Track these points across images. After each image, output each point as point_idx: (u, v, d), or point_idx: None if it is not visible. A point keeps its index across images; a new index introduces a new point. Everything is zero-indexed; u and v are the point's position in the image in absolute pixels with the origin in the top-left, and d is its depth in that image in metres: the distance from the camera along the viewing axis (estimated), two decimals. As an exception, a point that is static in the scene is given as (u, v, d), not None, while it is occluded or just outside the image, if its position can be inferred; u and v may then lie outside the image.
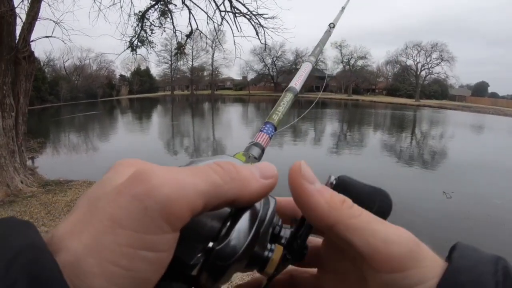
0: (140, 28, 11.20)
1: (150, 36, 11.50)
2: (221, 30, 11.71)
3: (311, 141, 15.82)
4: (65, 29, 7.45)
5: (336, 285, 0.33)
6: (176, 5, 10.99)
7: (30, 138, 11.45)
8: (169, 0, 10.84)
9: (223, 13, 10.64)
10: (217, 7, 10.51)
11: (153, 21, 11.31)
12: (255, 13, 10.48)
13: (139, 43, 11.46)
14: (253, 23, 10.67)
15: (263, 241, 0.29)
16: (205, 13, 10.78)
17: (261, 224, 0.27)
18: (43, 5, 6.61)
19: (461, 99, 65.30)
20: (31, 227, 0.22)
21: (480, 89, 78.40)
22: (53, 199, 6.07)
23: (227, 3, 10.38)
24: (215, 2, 10.41)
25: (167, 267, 0.23)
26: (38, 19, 6.50)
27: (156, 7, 11.02)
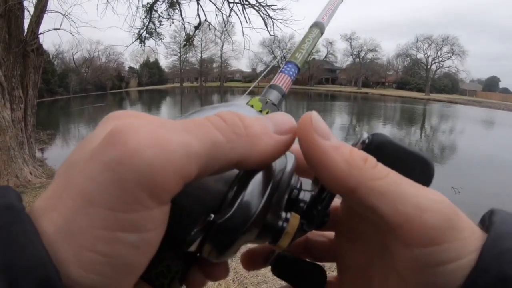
0: (148, 20, 11.16)
1: (158, 28, 11.48)
2: (230, 21, 11.64)
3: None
4: (73, 22, 7.48)
5: (354, 254, 0.29)
6: (184, -3, 10.95)
7: (39, 130, 11.56)
8: (177, -9, 10.80)
9: (231, 5, 10.57)
10: (226, -2, 10.45)
11: (161, 12, 11.27)
12: (263, 4, 10.41)
13: (148, 35, 11.43)
14: (262, 15, 10.59)
15: (277, 209, 0.24)
16: (214, 4, 10.72)
17: (275, 189, 0.23)
18: (51, -3, 6.63)
19: (472, 93, 64.41)
20: (8, 189, 0.19)
21: (491, 84, 77.10)
22: (62, 190, 6.11)
23: (235, -6, 10.31)
24: (223, -7, 10.35)
25: (158, 245, 0.20)
26: (46, 12, 6.52)
27: (164, -2, 10.98)
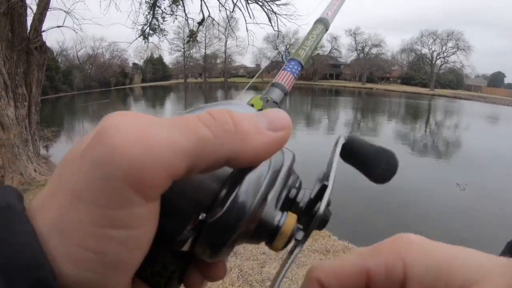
0: (151, 16, 11.13)
1: (162, 24, 11.41)
2: (234, 17, 11.58)
3: (325, 128, 15.75)
4: (76, 19, 7.48)
5: None
6: (187, -8, 10.90)
7: (43, 127, 11.60)
8: (180, -13, 10.75)
9: (235, 0, 10.54)
10: (229, -7, 10.40)
11: (164, 8, 11.21)
12: (267, 0, 10.35)
13: (151, 31, 11.40)
14: (266, 10, 10.53)
15: (273, 208, 0.24)
16: (217, 0, 10.68)
17: (270, 187, 0.23)
18: (54, -5, 6.62)
19: (477, 89, 64.03)
20: (8, 189, 0.20)
21: (496, 80, 76.52)
22: (66, 187, 6.13)
23: (239, -11, 10.26)
24: (227, -12, 10.30)
25: (150, 244, 0.20)
26: (48, 9, 6.51)
27: (167, -6, 10.94)
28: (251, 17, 10.73)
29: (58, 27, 7.08)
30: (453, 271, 0.19)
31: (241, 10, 10.72)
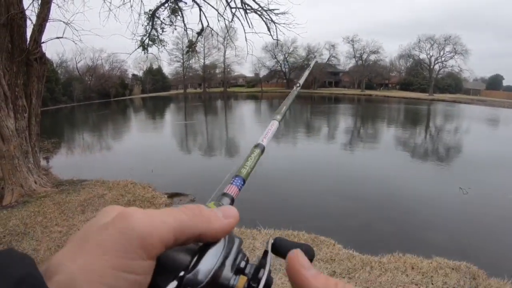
0: (150, 27, 11.18)
1: (161, 34, 11.46)
2: (232, 27, 11.64)
3: (325, 136, 15.74)
4: (76, 30, 7.45)
5: None
6: (186, 3, 10.97)
7: (44, 138, 11.57)
8: (179, -2, 10.81)
9: (233, 10, 10.59)
10: (228, 3, 10.47)
11: (163, 19, 11.28)
12: (266, 9, 10.40)
13: (150, 42, 11.43)
14: (264, 19, 10.59)
15: (229, 272, 0.32)
16: (216, 10, 10.74)
17: (226, 256, 0.32)
18: (53, 6, 6.63)
19: (476, 92, 64.16)
20: (25, 259, 0.26)
21: (494, 82, 76.49)
22: (67, 198, 6.10)
23: (237, -1, 10.30)
24: (225, -2, 10.35)
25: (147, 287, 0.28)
26: (48, 21, 6.51)
27: (166, 5, 10.99)
28: (250, 27, 10.81)
29: (57, 38, 7.06)
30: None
31: (239, 19, 10.82)
